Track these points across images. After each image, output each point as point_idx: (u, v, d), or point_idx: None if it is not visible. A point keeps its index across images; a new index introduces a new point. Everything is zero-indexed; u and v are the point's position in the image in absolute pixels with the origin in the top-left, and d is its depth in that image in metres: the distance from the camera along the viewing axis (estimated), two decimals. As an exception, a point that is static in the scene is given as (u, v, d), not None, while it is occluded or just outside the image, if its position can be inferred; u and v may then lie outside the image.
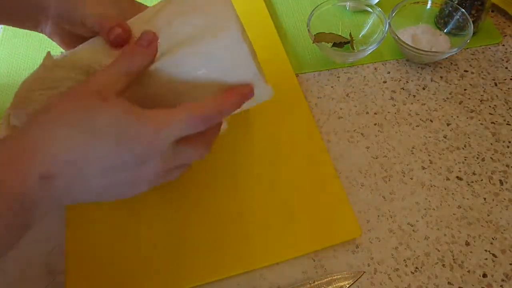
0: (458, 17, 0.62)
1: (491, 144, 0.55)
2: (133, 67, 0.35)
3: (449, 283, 0.45)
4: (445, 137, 0.56)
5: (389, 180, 0.52)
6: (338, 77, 0.62)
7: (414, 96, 0.60)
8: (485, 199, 0.51)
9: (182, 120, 0.33)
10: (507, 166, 0.53)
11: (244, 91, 0.38)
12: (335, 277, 0.45)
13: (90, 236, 0.47)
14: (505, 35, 0.66)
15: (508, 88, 0.60)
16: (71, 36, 0.43)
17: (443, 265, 0.46)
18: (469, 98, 0.59)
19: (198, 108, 0.34)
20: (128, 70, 0.35)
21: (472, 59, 0.63)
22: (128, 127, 0.32)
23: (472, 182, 0.52)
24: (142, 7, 0.44)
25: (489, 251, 0.47)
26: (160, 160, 0.34)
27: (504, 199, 0.51)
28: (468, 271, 0.46)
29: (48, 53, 0.39)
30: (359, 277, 0.45)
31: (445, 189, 0.52)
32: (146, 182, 0.35)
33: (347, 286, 0.44)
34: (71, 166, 0.31)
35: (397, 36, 0.59)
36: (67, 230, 0.48)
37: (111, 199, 0.35)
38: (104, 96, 0.32)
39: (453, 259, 0.47)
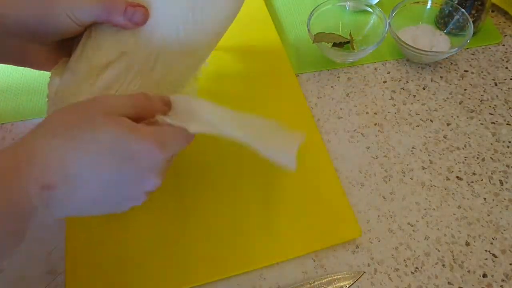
0: (458, 17, 0.62)
1: (491, 144, 0.55)
2: (144, 109, 0.35)
3: (449, 283, 0.45)
4: (445, 137, 0.56)
5: (389, 180, 0.52)
6: (338, 77, 0.62)
7: (414, 96, 0.60)
8: (485, 199, 0.51)
9: (181, 142, 0.35)
10: (507, 166, 0.53)
11: None
12: (335, 277, 0.45)
13: (90, 236, 0.47)
14: (505, 35, 0.66)
15: (508, 88, 0.60)
16: (59, 47, 0.41)
17: (443, 265, 0.46)
18: (469, 98, 0.59)
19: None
20: (137, 107, 0.34)
21: (472, 59, 0.63)
22: (131, 145, 0.32)
23: (472, 182, 0.52)
24: None
25: (489, 251, 0.47)
26: (159, 174, 0.34)
27: (504, 199, 0.51)
28: (468, 271, 0.46)
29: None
30: (359, 277, 0.45)
31: (445, 189, 0.52)
32: (144, 195, 0.36)
33: (347, 286, 0.44)
34: (72, 180, 0.31)
35: (397, 36, 0.59)
36: (67, 230, 0.48)
37: (108, 213, 0.35)
38: (108, 112, 0.32)
39: (453, 259, 0.47)
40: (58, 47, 0.40)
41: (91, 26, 0.39)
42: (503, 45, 0.65)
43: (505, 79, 0.61)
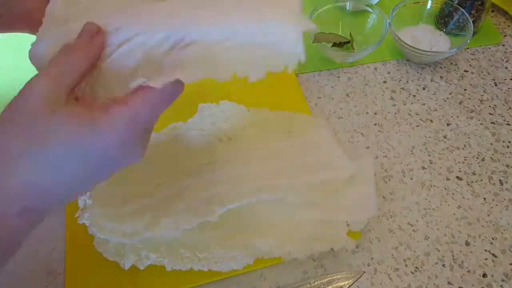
0: (458, 17, 0.62)
1: (491, 144, 0.55)
2: (80, 65, 0.29)
3: (449, 283, 0.45)
4: (445, 137, 0.56)
5: (389, 180, 0.52)
6: (338, 77, 0.62)
7: (414, 96, 0.60)
8: (485, 199, 0.51)
9: (157, 107, 0.31)
10: (507, 166, 0.53)
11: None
12: (335, 277, 0.45)
13: (90, 236, 0.47)
14: (505, 35, 0.66)
15: (508, 88, 0.60)
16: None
17: (443, 265, 0.46)
18: (469, 98, 0.59)
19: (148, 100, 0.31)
20: (72, 71, 0.29)
21: (472, 59, 0.63)
22: (96, 144, 0.28)
23: (472, 182, 0.52)
24: None
25: (489, 251, 0.47)
26: (142, 150, 0.32)
27: (504, 199, 0.51)
28: (468, 271, 0.46)
29: None
30: (359, 277, 0.45)
31: (445, 189, 0.52)
32: (130, 163, 0.32)
33: (347, 286, 0.44)
34: (46, 193, 0.28)
35: (397, 36, 0.59)
36: (67, 230, 0.48)
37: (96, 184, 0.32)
38: (52, 108, 0.27)
39: (453, 259, 0.47)
40: None
41: None
42: (503, 45, 0.65)
43: (505, 79, 0.61)
